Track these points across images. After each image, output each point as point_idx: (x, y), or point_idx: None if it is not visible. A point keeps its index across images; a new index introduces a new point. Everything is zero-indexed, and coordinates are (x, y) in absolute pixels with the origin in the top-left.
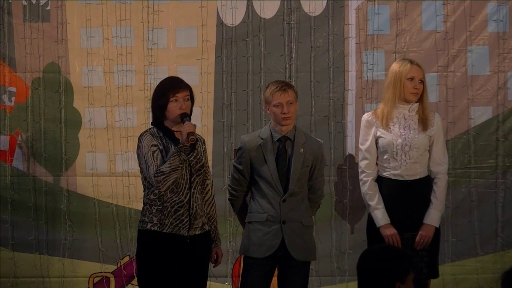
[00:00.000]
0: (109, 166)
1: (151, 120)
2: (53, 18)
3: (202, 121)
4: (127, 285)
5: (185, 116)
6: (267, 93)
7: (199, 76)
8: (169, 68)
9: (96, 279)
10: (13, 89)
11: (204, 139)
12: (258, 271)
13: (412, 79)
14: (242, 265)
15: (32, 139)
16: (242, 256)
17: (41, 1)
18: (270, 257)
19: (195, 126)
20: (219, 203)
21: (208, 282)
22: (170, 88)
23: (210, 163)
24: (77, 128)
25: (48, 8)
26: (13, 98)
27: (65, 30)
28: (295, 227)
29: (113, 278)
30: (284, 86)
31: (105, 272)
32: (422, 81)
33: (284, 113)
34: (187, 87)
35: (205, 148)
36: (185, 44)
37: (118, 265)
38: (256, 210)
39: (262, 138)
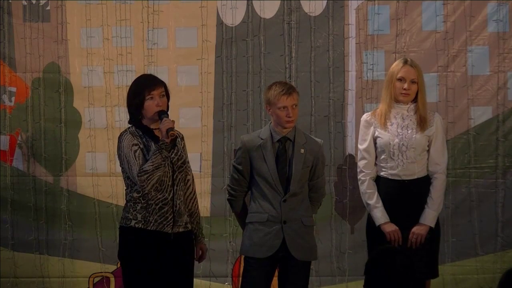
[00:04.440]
0: (109, 166)
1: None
2: (53, 18)
3: (202, 121)
4: None
5: (163, 113)
6: (271, 94)
7: (199, 76)
8: (169, 68)
9: (96, 279)
10: (13, 89)
11: (182, 135)
12: (259, 271)
13: (401, 79)
14: (242, 265)
15: (32, 139)
16: (243, 256)
17: (41, 1)
18: (271, 257)
19: (173, 121)
20: (219, 203)
21: (208, 282)
22: (145, 86)
23: (210, 163)
24: (77, 128)
25: (48, 8)
26: (13, 98)
27: (65, 30)
28: (296, 227)
29: (113, 278)
30: (290, 89)
31: (105, 272)
32: (416, 82)
33: (289, 117)
34: (162, 83)
35: (184, 144)
36: (185, 44)
37: (118, 265)
38: (256, 210)
39: (262, 138)
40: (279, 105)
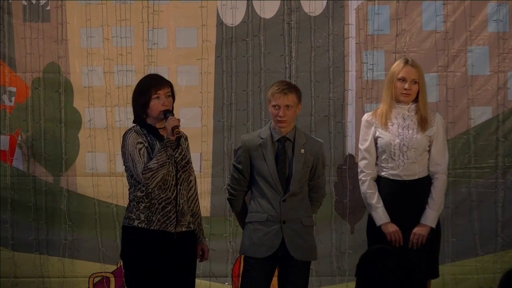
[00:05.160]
0: (109, 166)
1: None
2: (53, 18)
3: (202, 121)
4: None
5: (169, 112)
6: (269, 91)
7: (199, 76)
8: (169, 68)
9: (96, 279)
10: (13, 89)
11: (186, 136)
12: (258, 271)
13: (402, 79)
14: (242, 265)
15: (32, 139)
16: (242, 256)
17: (41, 1)
18: (271, 257)
19: (179, 120)
20: (219, 203)
21: (208, 282)
22: (152, 85)
23: (210, 163)
24: (77, 128)
25: (48, 8)
26: (13, 98)
27: (65, 30)
28: (296, 227)
29: (113, 278)
30: (286, 89)
31: (105, 272)
32: (417, 82)
33: (279, 116)
34: (168, 84)
35: (188, 144)
36: (185, 44)
37: (118, 265)
38: (256, 210)
39: (262, 138)
40: (272, 103)
